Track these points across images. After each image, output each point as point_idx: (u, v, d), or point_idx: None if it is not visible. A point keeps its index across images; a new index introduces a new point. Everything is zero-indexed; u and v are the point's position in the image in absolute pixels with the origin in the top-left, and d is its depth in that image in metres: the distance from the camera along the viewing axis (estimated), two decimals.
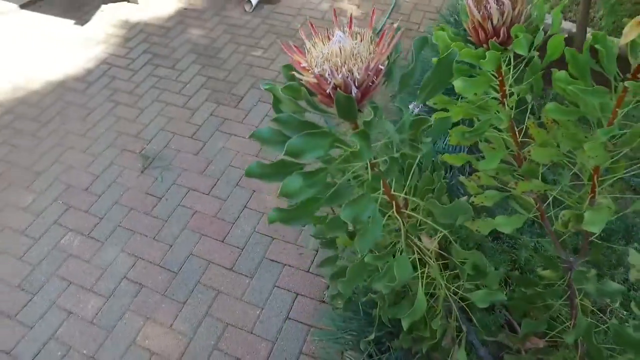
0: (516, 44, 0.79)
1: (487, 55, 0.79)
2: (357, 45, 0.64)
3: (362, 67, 0.61)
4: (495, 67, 0.84)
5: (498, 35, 0.83)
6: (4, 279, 2.14)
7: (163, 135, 2.87)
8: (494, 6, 0.79)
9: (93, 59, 3.51)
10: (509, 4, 0.79)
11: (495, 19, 0.80)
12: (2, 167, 2.71)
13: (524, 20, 0.83)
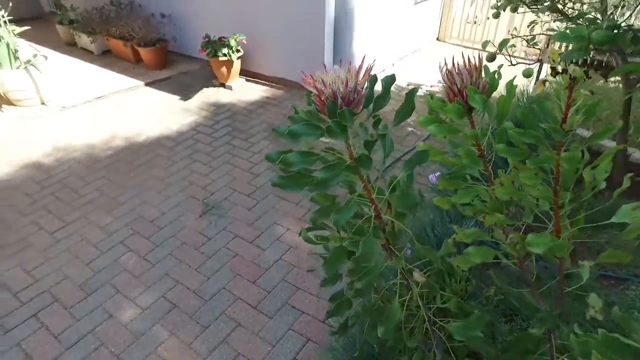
0: (470, 99, 1.07)
1: (449, 107, 1.07)
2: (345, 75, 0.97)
3: (344, 85, 0.93)
4: (458, 117, 1.12)
5: (462, 96, 1.12)
6: (70, 278, 2.52)
7: (225, 190, 3.30)
8: (457, 76, 1.10)
9: (186, 125, 4.23)
10: (467, 74, 1.10)
11: (458, 84, 1.10)
12: (96, 194, 3.27)
13: (482, 87, 1.12)
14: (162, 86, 5.18)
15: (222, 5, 4.97)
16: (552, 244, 1.03)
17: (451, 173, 1.20)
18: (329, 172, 0.94)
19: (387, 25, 4.98)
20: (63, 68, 5.62)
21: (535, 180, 1.00)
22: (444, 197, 1.35)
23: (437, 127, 1.13)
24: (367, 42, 4.73)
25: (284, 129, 1.01)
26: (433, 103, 1.12)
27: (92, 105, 4.73)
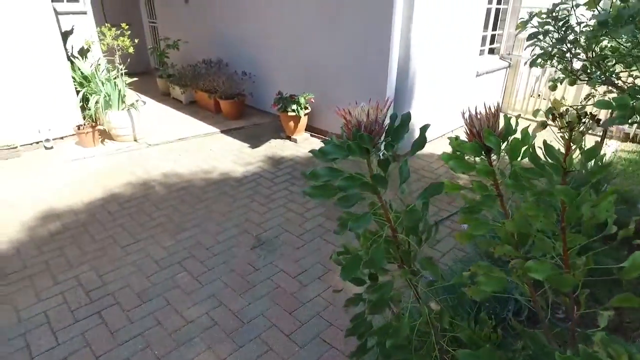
0: (485, 139, 1.24)
1: (467, 145, 1.25)
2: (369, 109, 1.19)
3: (367, 117, 1.16)
4: (475, 154, 1.28)
5: (479, 137, 1.29)
6: (131, 286, 2.83)
7: (277, 229, 3.55)
8: (476, 120, 1.28)
9: (251, 169, 4.64)
10: (485, 119, 1.27)
11: (477, 126, 1.28)
12: (164, 219, 3.67)
13: (498, 131, 1.28)
14: (236, 134, 5.74)
15: (296, 67, 5.55)
16: (552, 272, 1.12)
17: (468, 208, 1.34)
18: (347, 182, 1.14)
19: (448, 94, 5.22)
20: (156, 113, 6.46)
21: (537, 211, 1.12)
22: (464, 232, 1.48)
23: (455, 162, 1.30)
24: (428, 108, 4.99)
25: (319, 149, 1.24)
26: (454, 142, 1.30)
27: (174, 145, 5.36)
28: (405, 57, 4.38)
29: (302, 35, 5.31)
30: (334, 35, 4.89)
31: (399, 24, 4.19)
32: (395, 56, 4.32)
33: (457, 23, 4.85)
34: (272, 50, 5.86)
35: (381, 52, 4.38)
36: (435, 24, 4.52)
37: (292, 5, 5.28)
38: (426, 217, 1.30)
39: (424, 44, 4.46)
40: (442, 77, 5.00)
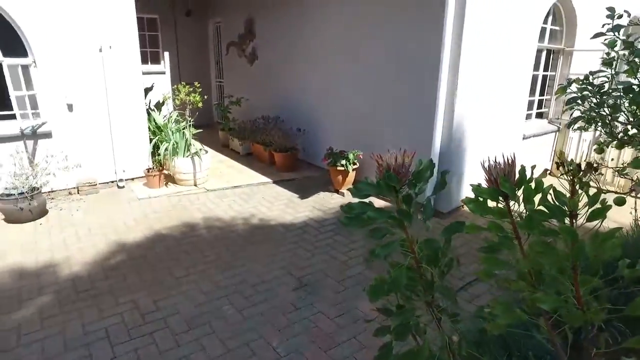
0: (501, 185, 1.42)
1: (484, 189, 1.43)
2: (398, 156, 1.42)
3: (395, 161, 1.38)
4: (492, 199, 1.45)
5: (497, 184, 1.47)
6: (181, 313, 3.07)
7: (319, 274, 3.72)
8: (494, 168, 1.46)
9: (299, 218, 4.91)
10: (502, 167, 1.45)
11: (494, 174, 1.46)
12: (214, 257, 3.96)
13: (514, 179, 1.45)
14: (287, 185, 6.10)
15: (346, 125, 5.93)
16: (559, 303, 1.23)
17: (486, 247, 1.48)
18: (376, 214, 1.34)
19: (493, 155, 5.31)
20: (216, 161, 7.02)
21: (544, 247, 1.25)
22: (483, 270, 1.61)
23: (474, 205, 1.46)
24: (474, 168, 5.10)
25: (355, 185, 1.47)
26: (475, 188, 1.48)
27: (229, 191, 5.78)
28: (450, 119, 4.60)
29: (353, 96, 5.73)
30: (383, 98, 5.25)
31: (444, 88, 4.46)
32: (440, 117, 4.56)
33: (502, 88, 5.05)
34: (325, 109, 6.32)
35: (427, 113, 4.64)
36: (480, 88, 4.75)
37: (344, 70, 5.76)
38: (447, 250, 1.46)
39: (469, 106, 4.68)
40: (487, 139, 5.14)
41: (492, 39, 4.62)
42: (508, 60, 4.96)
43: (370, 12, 5.28)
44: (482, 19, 4.42)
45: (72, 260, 3.83)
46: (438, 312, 1.53)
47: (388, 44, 5.10)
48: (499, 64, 4.85)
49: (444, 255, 1.50)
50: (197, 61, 10.21)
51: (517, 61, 5.11)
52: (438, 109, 4.52)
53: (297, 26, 6.64)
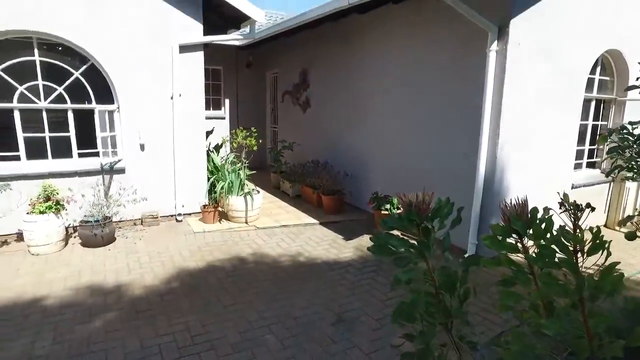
0: (513, 223, 1.58)
1: (498, 227, 1.60)
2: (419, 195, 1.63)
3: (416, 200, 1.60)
4: (505, 236, 1.62)
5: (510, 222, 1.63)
6: (227, 337, 3.31)
7: (358, 311, 3.84)
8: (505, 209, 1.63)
9: (342, 258, 5.09)
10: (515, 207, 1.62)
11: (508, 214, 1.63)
12: (260, 289, 4.21)
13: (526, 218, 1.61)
14: (332, 227, 6.33)
15: (393, 172, 6.15)
16: (562, 330, 1.34)
17: (502, 281, 1.63)
18: (399, 242, 1.55)
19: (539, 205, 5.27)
20: (267, 202, 7.43)
21: (549, 279, 1.39)
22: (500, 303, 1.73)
23: (490, 241, 1.63)
24: None
25: (382, 220, 1.69)
26: (492, 226, 1.65)
27: (277, 230, 6.11)
28: (492, 165, 4.69)
29: (398, 144, 5.97)
30: (427, 145, 5.46)
31: (486, 135, 4.61)
32: (482, 164, 4.67)
33: (546, 137, 5.10)
34: (371, 155, 6.60)
35: (469, 160, 4.77)
36: (522, 136, 4.84)
37: (389, 120, 6.06)
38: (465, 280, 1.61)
39: (511, 153, 4.76)
40: (531, 185, 5.13)
41: (533, 90, 4.76)
42: (551, 109, 5.03)
43: (414, 68, 5.61)
44: (522, 73, 4.59)
45: (133, 283, 4.23)
46: (457, 339, 1.66)
47: (432, 96, 5.36)
48: (542, 114, 4.93)
49: (462, 285, 1.66)
50: (255, 108, 10.99)
51: (561, 111, 5.16)
52: (480, 156, 4.64)
53: (347, 78, 7.11)
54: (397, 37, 5.95)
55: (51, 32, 5.28)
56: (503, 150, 4.65)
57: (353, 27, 6.75)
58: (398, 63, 5.95)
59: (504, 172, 4.75)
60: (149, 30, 5.83)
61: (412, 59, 5.69)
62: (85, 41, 5.46)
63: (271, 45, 9.32)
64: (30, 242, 4.90)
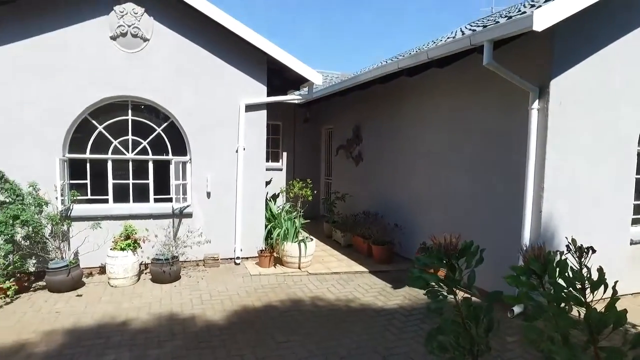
0: (530, 264, 1.84)
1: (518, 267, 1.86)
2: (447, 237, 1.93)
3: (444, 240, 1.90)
4: (524, 276, 1.86)
5: None
6: None
7: (404, 355, 3.97)
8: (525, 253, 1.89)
9: (389, 305, 5.25)
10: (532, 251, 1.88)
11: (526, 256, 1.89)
12: (311, 330, 4.47)
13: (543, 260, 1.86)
14: (381, 275, 6.51)
15: (441, 224, 6.32)
16: (571, 356, 1.55)
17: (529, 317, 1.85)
18: (430, 276, 1.85)
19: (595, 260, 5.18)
20: (319, 249, 7.77)
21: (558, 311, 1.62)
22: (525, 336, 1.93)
23: (511, 279, 1.89)
24: None
25: (416, 257, 2.00)
26: (514, 267, 1.90)
27: (328, 276, 6.38)
28: (538, 218, 4.77)
29: (445, 197, 6.18)
30: (473, 199, 5.64)
31: (530, 189, 4.75)
32: (528, 216, 4.77)
33: (595, 191, 5.11)
34: (420, 207, 6.83)
35: (515, 211, 4.89)
36: (568, 190, 4.90)
37: (437, 175, 6.33)
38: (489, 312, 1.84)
39: (558, 206, 4.83)
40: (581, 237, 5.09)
41: (579, 146, 4.87)
42: (600, 164, 5.07)
43: (457, 126, 5.93)
44: (567, 129, 4.76)
45: (196, 317, 4.66)
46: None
47: (475, 153, 5.61)
48: (590, 168, 4.99)
49: (486, 316, 1.90)
50: (310, 160, 11.66)
51: (612, 165, 5.17)
52: (525, 213, 4.76)
53: (395, 135, 7.54)
54: (441, 98, 6.36)
55: (143, 96, 6.25)
56: (549, 204, 4.74)
57: (401, 88, 7.26)
58: (442, 122, 6.30)
59: (552, 228, 4.81)
60: (222, 94, 6.68)
61: (456, 118, 6.03)
62: (169, 104, 6.38)
63: (327, 103, 10.06)
64: (111, 275, 5.56)
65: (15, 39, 5.67)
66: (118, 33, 6.09)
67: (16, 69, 5.69)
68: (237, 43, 6.56)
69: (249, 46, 6.56)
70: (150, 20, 6.23)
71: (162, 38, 6.32)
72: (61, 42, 5.86)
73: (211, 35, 6.52)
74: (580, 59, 4.74)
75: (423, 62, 5.49)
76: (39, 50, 5.77)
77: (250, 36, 6.44)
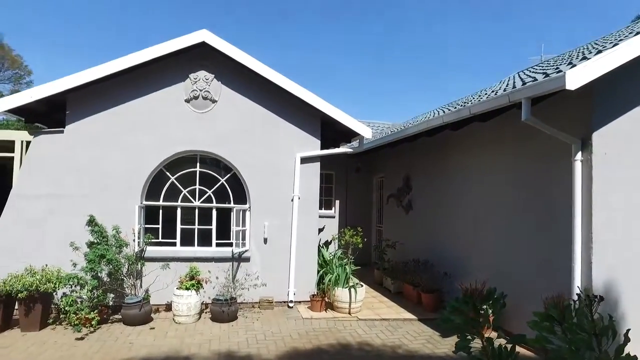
0: (549, 310, 2.06)
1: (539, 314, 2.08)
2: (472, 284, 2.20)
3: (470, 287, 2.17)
4: (544, 320, 2.08)
5: None
6: None
7: None
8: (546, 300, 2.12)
9: (437, 353, 5.30)
10: (550, 300, 2.10)
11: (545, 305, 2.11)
12: None
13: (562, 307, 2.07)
14: (430, 323, 6.54)
15: (489, 273, 6.32)
16: None
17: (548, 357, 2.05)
18: (458, 317, 2.11)
19: None
20: (369, 296, 7.92)
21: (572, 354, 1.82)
22: None
23: (533, 324, 2.11)
24: None
25: (448, 303, 2.27)
26: (536, 313, 2.12)
27: (377, 322, 6.52)
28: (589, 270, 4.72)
29: (493, 247, 6.23)
30: (521, 250, 5.66)
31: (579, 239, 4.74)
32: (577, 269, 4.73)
33: None
34: (468, 256, 6.87)
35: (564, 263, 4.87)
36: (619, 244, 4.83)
37: (484, 225, 6.42)
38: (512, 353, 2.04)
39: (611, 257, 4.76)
40: None
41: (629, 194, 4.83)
42: None
43: (501, 178, 6.07)
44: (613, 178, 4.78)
45: (251, 355, 5.01)
46: None
47: (519, 205, 5.69)
48: None
49: (510, 357, 2.11)
50: (362, 208, 11.98)
51: None
52: (575, 260, 4.74)
53: (442, 186, 7.74)
54: (485, 149, 6.57)
55: (210, 151, 7.06)
56: (599, 256, 4.70)
57: (447, 140, 7.55)
58: (486, 172, 6.47)
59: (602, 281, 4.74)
60: (279, 147, 7.34)
61: (499, 169, 6.20)
62: (232, 157, 7.13)
63: (377, 153, 10.50)
64: (176, 312, 6.09)
65: (108, 107, 6.75)
66: (191, 96, 7.01)
67: (107, 129, 6.71)
68: (293, 101, 7.26)
69: (304, 104, 7.23)
70: (218, 85, 7.12)
71: (228, 99, 7.17)
72: (145, 106, 6.86)
73: (270, 95, 7.29)
74: (623, 110, 4.82)
75: (465, 117, 5.81)
76: (126, 114, 6.79)
77: (305, 95, 7.13)
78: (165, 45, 6.59)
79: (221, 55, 6.89)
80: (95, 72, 6.33)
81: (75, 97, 6.59)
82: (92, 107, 6.69)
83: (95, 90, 6.60)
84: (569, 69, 4.23)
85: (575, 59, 5.53)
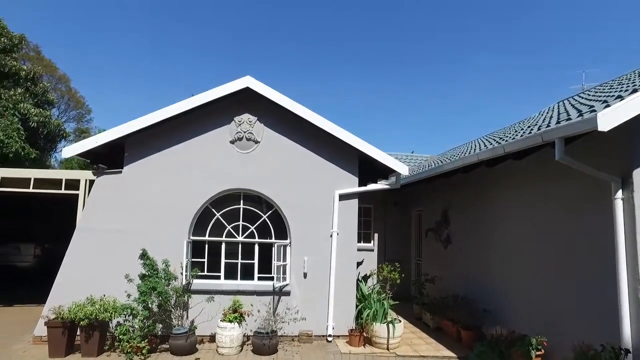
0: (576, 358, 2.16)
1: None
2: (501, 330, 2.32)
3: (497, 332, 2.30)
4: None
5: None
6: None
7: None
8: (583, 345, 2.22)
9: None
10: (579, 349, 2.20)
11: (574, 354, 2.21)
12: None
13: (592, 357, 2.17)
14: None
15: (530, 311, 6.18)
16: None
17: None
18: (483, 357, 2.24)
19: None
20: (407, 331, 7.88)
21: None
22: None
23: None
24: None
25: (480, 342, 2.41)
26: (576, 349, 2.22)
27: (416, 359, 6.48)
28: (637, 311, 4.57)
29: (532, 284, 6.11)
30: (563, 288, 5.54)
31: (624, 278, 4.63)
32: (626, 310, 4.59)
33: None
34: (508, 293, 6.74)
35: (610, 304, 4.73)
36: None
37: (524, 261, 6.33)
38: None
39: None
40: None
41: None
42: None
43: (539, 215, 6.02)
44: None
45: None
46: None
47: (560, 237, 5.61)
48: None
49: None
50: (400, 241, 11.98)
51: None
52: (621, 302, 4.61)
53: (480, 220, 7.72)
54: (521, 186, 6.58)
55: (253, 189, 7.49)
56: None
57: (483, 177, 7.58)
58: (523, 209, 6.45)
59: None
60: (320, 185, 7.65)
61: (536, 206, 6.17)
62: (273, 195, 7.52)
63: (416, 187, 10.58)
64: (219, 344, 6.37)
65: (160, 149, 7.38)
66: (236, 138, 7.52)
67: (159, 170, 7.30)
68: (332, 140, 7.60)
69: (342, 143, 7.55)
70: (261, 126, 7.60)
71: (270, 140, 7.62)
72: (193, 148, 7.44)
73: (309, 135, 7.67)
74: None
75: (500, 155, 5.89)
76: (176, 155, 7.38)
77: (344, 135, 7.46)
78: (212, 92, 7.18)
79: (263, 99, 7.39)
80: (150, 119, 6.99)
81: (132, 140, 7.25)
82: (146, 150, 7.34)
83: (149, 134, 7.24)
84: (602, 109, 4.28)
85: (611, 96, 5.53)
